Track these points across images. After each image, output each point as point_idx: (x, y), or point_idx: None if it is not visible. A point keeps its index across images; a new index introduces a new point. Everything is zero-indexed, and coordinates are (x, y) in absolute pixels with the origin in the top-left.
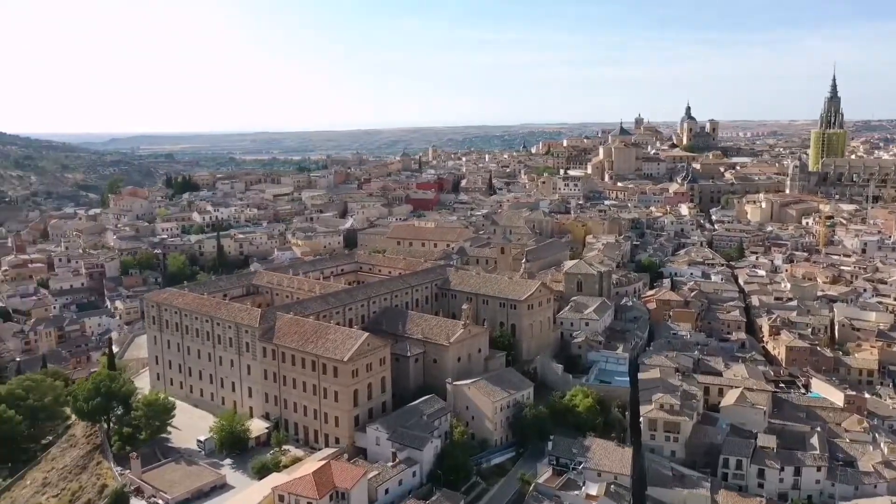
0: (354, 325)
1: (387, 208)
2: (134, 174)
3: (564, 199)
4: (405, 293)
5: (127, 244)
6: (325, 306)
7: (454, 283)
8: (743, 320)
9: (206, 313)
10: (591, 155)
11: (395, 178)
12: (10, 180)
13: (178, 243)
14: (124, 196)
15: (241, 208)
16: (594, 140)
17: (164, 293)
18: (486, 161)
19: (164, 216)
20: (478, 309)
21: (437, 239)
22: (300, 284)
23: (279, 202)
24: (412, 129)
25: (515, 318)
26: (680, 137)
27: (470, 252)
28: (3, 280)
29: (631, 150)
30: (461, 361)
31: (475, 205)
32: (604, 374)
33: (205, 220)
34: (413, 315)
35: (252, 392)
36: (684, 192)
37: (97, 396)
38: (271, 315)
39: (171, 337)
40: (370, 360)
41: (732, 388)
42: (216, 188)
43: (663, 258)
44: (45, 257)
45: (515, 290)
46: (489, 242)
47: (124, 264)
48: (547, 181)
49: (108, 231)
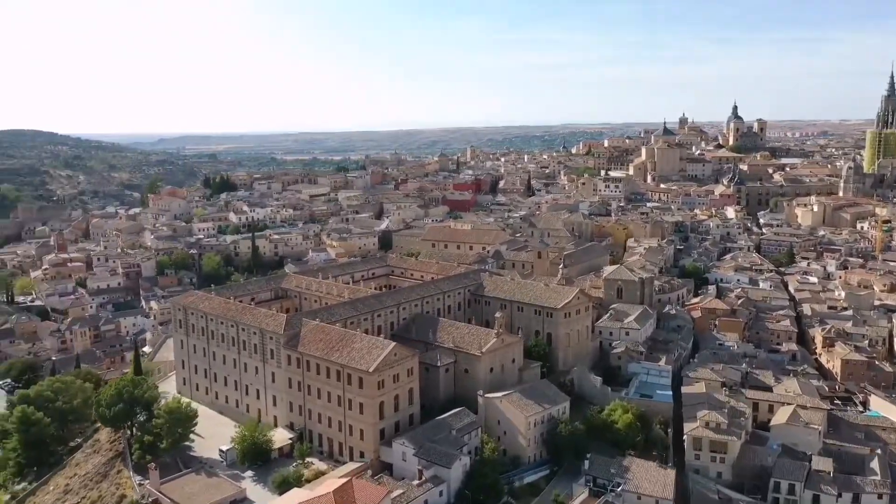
0: (383, 332)
1: (423, 209)
2: (178, 174)
3: (605, 200)
4: (436, 299)
5: (164, 244)
6: (353, 312)
7: (488, 289)
8: (794, 330)
9: (232, 318)
10: (632, 155)
11: (432, 179)
12: (59, 179)
13: (214, 243)
14: (163, 196)
15: (277, 209)
16: (636, 140)
17: (191, 296)
18: (524, 161)
19: (201, 216)
20: (512, 316)
21: (472, 241)
22: (329, 289)
23: (315, 202)
24: (452, 129)
25: (552, 326)
26: (726, 137)
27: (506, 255)
28: (44, 279)
29: (675, 151)
30: (494, 372)
31: (513, 206)
32: (645, 388)
33: (241, 220)
34: (444, 322)
35: (276, 401)
36: (731, 194)
37: (120, 402)
38: (297, 321)
39: (197, 341)
40: (397, 370)
41: (784, 404)
42: (253, 188)
43: (708, 263)
44: (84, 256)
45: (552, 297)
46: (526, 245)
47: (160, 264)
48: (587, 182)
49: (146, 231)
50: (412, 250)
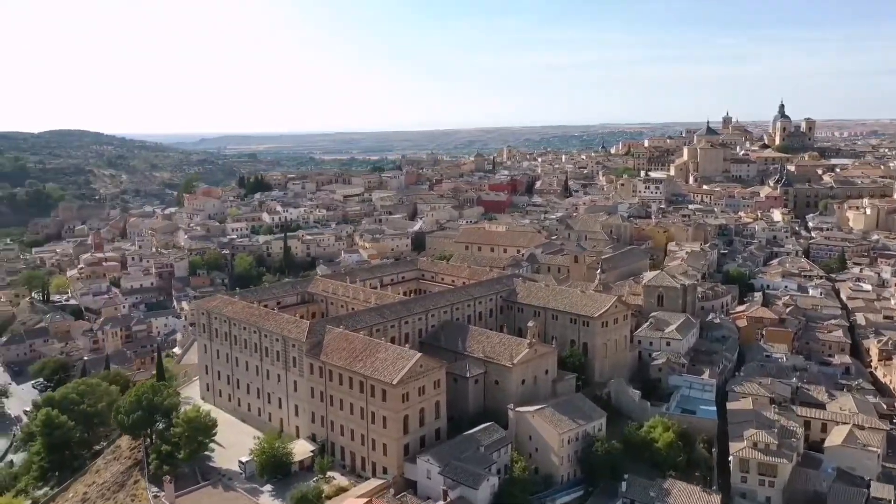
0: (411, 340)
1: (457, 210)
2: (217, 173)
3: (645, 202)
4: (467, 305)
5: (197, 244)
6: (380, 319)
7: (521, 296)
8: (847, 342)
9: (254, 324)
10: (674, 156)
11: (468, 179)
12: (102, 179)
13: (247, 244)
14: (198, 196)
15: (311, 209)
16: (677, 140)
17: (215, 300)
18: (562, 162)
19: (235, 216)
20: (546, 325)
21: (506, 244)
22: (356, 294)
23: (349, 203)
24: (489, 129)
25: (588, 336)
26: (772, 137)
27: (541, 259)
28: (79, 278)
29: (718, 151)
30: (525, 384)
31: (549, 207)
32: (687, 402)
33: (274, 220)
34: (474, 331)
35: (298, 411)
36: (777, 196)
37: (139, 410)
38: (320, 328)
39: (221, 346)
40: (423, 382)
41: (839, 423)
42: (287, 188)
43: (754, 269)
44: (119, 256)
45: (588, 304)
46: (562, 249)
47: (192, 264)
48: (626, 183)
49: (181, 230)
50: (445, 252)
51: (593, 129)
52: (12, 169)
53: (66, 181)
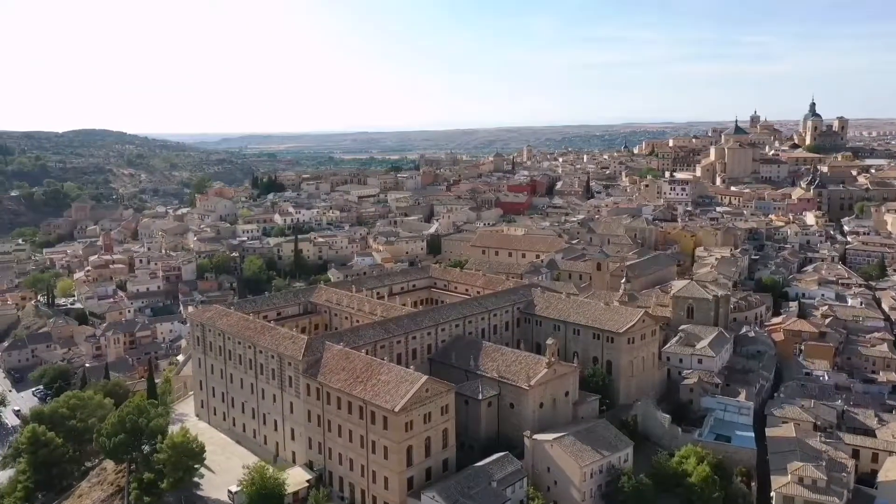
0: (419, 356)
1: (475, 212)
2: (236, 172)
3: (670, 204)
4: (480, 318)
5: (206, 246)
6: (385, 335)
7: (539, 308)
8: (893, 357)
9: (249, 338)
10: (700, 156)
11: (486, 180)
12: (121, 178)
13: (257, 246)
14: (209, 196)
15: (324, 210)
16: (703, 140)
17: (209, 311)
18: (583, 162)
19: (247, 217)
20: (566, 340)
21: (525, 248)
22: (361, 304)
23: (364, 204)
24: (510, 128)
25: (612, 353)
26: (802, 137)
27: (561, 265)
28: (86, 280)
29: (747, 151)
30: (544, 407)
31: (570, 210)
32: (722, 427)
33: (286, 222)
34: (488, 347)
35: (295, 435)
36: (810, 199)
37: (122, 432)
38: (318, 345)
39: (215, 361)
40: (429, 408)
41: (892, 453)
42: (301, 189)
43: (787, 276)
44: (127, 258)
45: (613, 319)
46: (584, 254)
47: (200, 267)
48: (650, 184)
49: (191, 232)
50: (461, 258)
51: (615, 128)
52: (32, 168)
53: (85, 180)
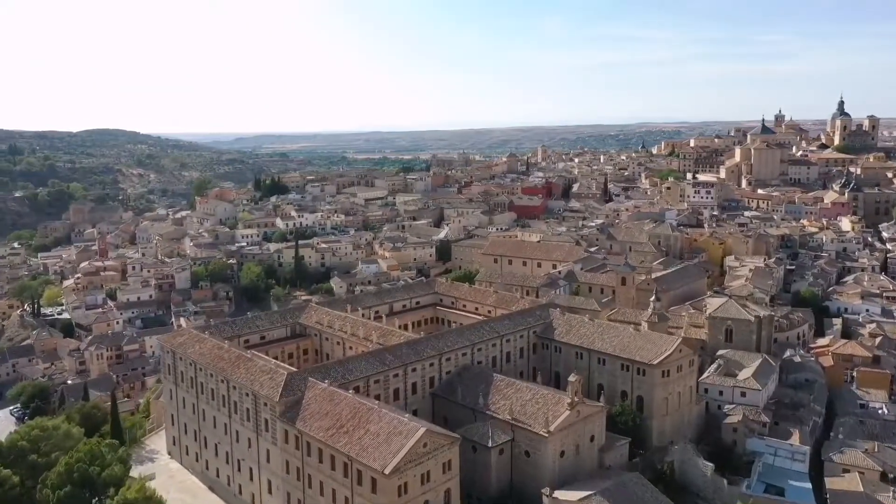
0: (420, 390)
1: (487, 216)
2: (247, 173)
3: (695, 209)
4: (491, 345)
5: (203, 252)
6: (380, 367)
7: (559, 332)
8: None
9: (222, 371)
10: (723, 157)
11: (499, 182)
12: (130, 178)
13: (256, 252)
14: (209, 198)
15: (329, 214)
16: (726, 140)
17: (181, 335)
18: (600, 163)
19: (247, 221)
20: (590, 370)
21: (540, 257)
22: (355, 328)
23: (370, 207)
24: (523, 128)
25: (644, 387)
26: (830, 136)
27: (581, 277)
28: (75, 288)
29: (775, 152)
30: (565, 455)
31: (588, 213)
32: (772, 475)
33: (288, 226)
34: (500, 381)
35: (272, 487)
36: (845, 203)
37: (69, 484)
38: (299, 382)
39: (186, 395)
40: (427, 467)
41: None
42: (306, 191)
43: (826, 288)
44: (120, 264)
45: (645, 347)
46: (605, 264)
47: (195, 275)
48: (673, 187)
49: (188, 237)
50: (471, 266)
51: (630, 128)
52: (40, 168)
53: (93, 181)
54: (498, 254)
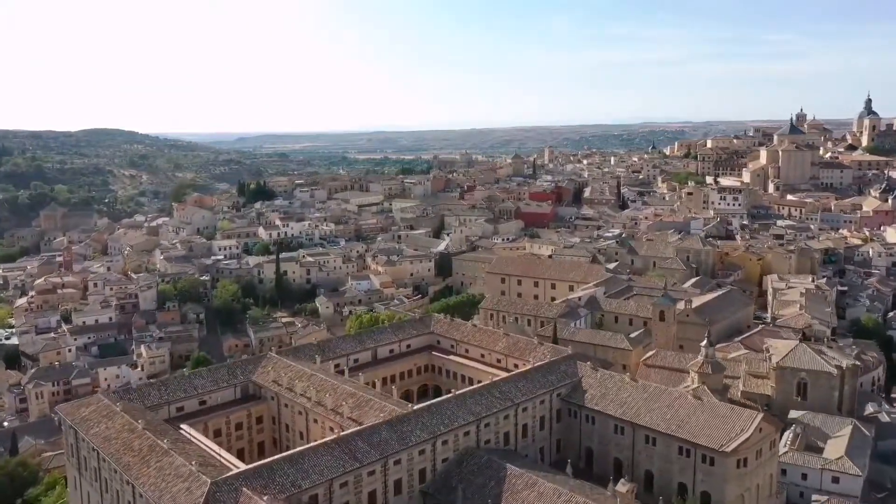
0: (405, 489)
1: (491, 224)
2: (243, 174)
3: (723, 217)
4: (503, 417)
5: (174, 266)
6: (350, 465)
7: (591, 397)
8: None
9: (128, 469)
10: (745, 158)
11: (504, 185)
12: (122, 179)
13: (234, 267)
14: (187, 205)
15: (317, 222)
16: (745, 140)
17: (88, 404)
18: (611, 164)
19: (226, 230)
20: (634, 451)
21: (554, 277)
22: (321, 393)
23: (364, 214)
24: (526, 127)
25: (713, 481)
26: (857, 137)
27: (605, 304)
28: (28, 309)
29: (804, 154)
30: None
31: (602, 222)
32: None
33: (272, 236)
34: (515, 478)
35: None
36: (888, 210)
37: None
38: (226, 495)
39: (91, 488)
40: None
41: None
42: (294, 196)
43: (885, 313)
44: (80, 280)
45: (711, 425)
46: (630, 286)
47: (162, 294)
48: (695, 193)
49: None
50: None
51: (633, 127)
52: (27, 169)
53: (81, 182)
54: (505, 273)
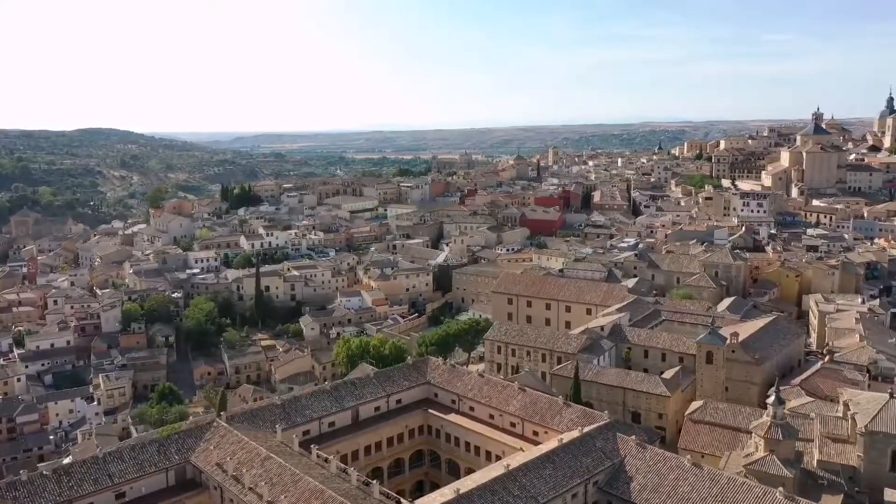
0: None
1: (495, 233)
2: (238, 174)
3: (749, 226)
4: None
5: (144, 281)
6: None
7: (638, 489)
8: None
9: None
10: (763, 160)
11: (507, 190)
12: (111, 181)
13: (211, 282)
14: (164, 210)
15: (305, 231)
16: (760, 140)
17: None
18: (618, 166)
19: (204, 240)
20: None
21: (569, 299)
22: (277, 483)
23: (356, 222)
24: (526, 127)
25: None
26: (878, 137)
27: (632, 335)
28: None
29: (831, 156)
30: None
31: (615, 230)
32: None
33: (254, 246)
34: None
35: None
36: None
37: None
38: None
39: None
40: None
41: None
42: (281, 201)
43: None
44: (39, 296)
45: None
46: (657, 311)
47: (126, 314)
48: (715, 198)
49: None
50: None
51: (633, 127)
52: (12, 170)
53: (69, 183)
54: (513, 293)
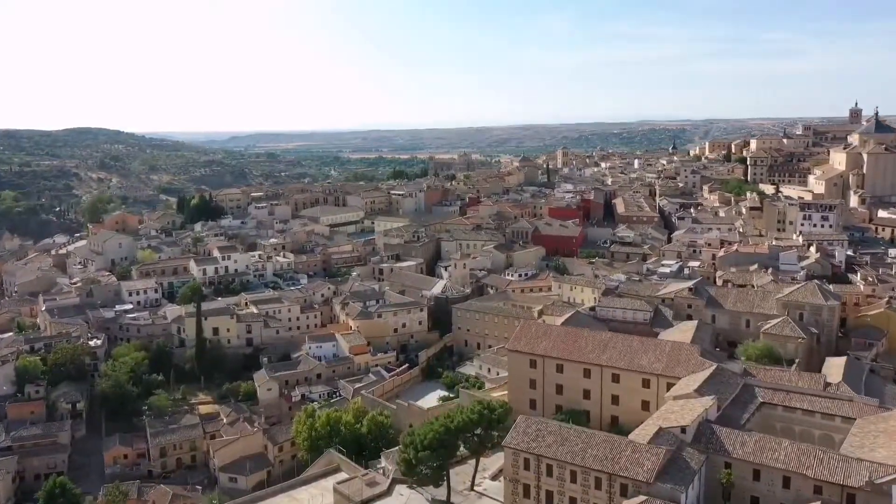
0: None
1: (503, 252)
2: (226, 176)
3: (822, 248)
4: None
5: (58, 323)
6: None
7: None
8: None
9: None
10: (805, 162)
11: (514, 197)
12: (88, 183)
13: (144, 323)
14: (104, 226)
15: (270, 252)
16: (797, 139)
17: None
18: (636, 168)
19: (146, 264)
20: None
21: (618, 365)
22: None
23: (337, 238)
24: (524, 125)
25: None
26: None
27: (731, 445)
28: None
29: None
30: None
31: (649, 248)
32: None
33: (206, 273)
34: None
35: None
36: None
37: None
38: None
39: None
40: None
41: None
42: (248, 213)
43: None
44: None
45: None
46: (749, 387)
47: (22, 372)
48: (768, 210)
49: (53, 291)
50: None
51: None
52: None
53: (41, 186)
54: (537, 353)
